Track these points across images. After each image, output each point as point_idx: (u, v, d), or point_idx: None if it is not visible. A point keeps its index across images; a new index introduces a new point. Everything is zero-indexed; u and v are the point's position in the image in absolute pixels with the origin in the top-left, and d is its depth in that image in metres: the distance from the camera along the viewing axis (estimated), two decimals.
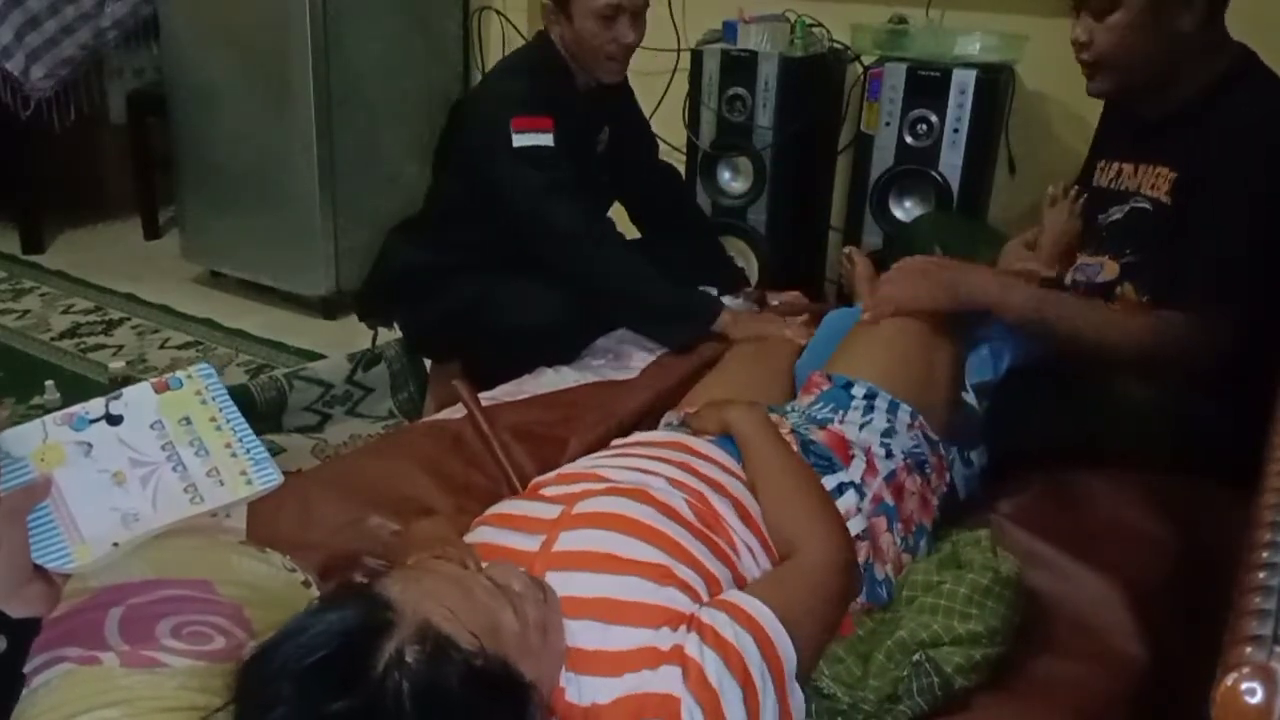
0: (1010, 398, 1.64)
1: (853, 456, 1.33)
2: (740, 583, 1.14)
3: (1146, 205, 1.68)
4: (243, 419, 0.88)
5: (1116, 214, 1.74)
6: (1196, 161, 1.59)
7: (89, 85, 3.55)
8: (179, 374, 0.89)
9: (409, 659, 0.86)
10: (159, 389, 0.88)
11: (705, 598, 1.07)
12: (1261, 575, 0.68)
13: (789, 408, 1.48)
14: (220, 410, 0.88)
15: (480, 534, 1.19)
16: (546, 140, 2.02)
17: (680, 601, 1.05)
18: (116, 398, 0.86)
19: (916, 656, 1.14)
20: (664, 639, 1.01)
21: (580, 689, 0.99)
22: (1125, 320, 1.59)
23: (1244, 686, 0.59)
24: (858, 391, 1.41)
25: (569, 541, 1.10)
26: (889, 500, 1.32)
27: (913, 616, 1.20)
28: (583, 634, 1.02)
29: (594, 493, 1.18)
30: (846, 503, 1.29)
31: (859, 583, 1.23)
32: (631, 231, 2.44)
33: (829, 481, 1.30)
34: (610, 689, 0.99)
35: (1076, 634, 1.29)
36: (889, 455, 1.36)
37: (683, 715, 0.96)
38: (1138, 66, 1.62)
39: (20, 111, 3.34)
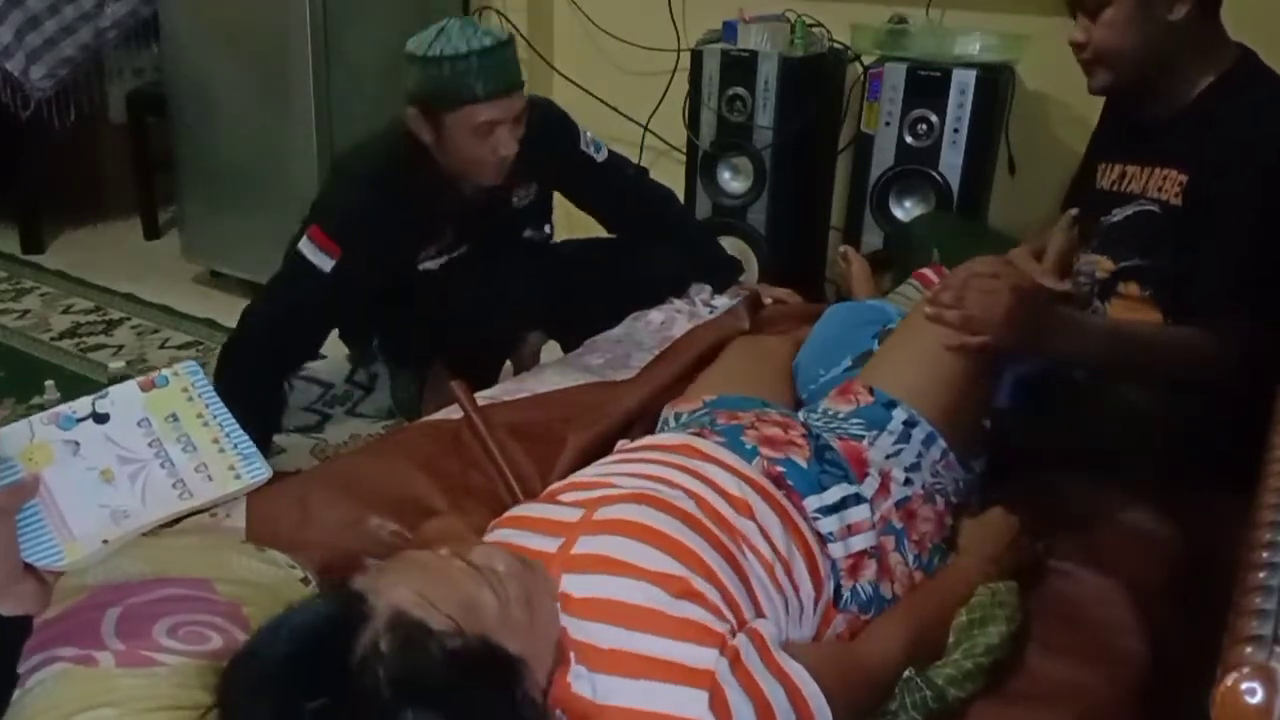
0: (1010, 403, 1.64)
1: (867, 475, 1.30)
2: (755, 602, 1.10)
3: (1154, 208, 1.67)
4: (230, 415, 0.88)
5: (1119, 216, 1.74)
6: (1210, 165, 1.58)
7: (89, 85, 3.54)
8: (165, 372, 0.89)
9: (383, 648, 0.85)
10: (145, 387, 0.88)
11: (726, 614, 1.03)
12: (1261, 575, 0.68)
13: (819, 408, 1.44)
14: (207, 406, 0.88)
15: (498, 535, 1.17)
16: (325, 265, 1.95)
17: (700, 615, 1.01)
18: (103, 396, 0.87)
19: (907, 673, 1.13)
20: (692, 656, 0.97)
21: (594, 685, 0.96)
22: (1177, 344, 1.58)
23: (1244, 686, 0.58)
24: (898, 415, 1.37)
25: (588, 545, 1.07)
26: (897, 523, 1.29)
27: None
28: (600, 634, 0.99)
29: (614, 498, 1.15)
30: (857, 515, 1.25)
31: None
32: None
33: (836, 491, 1.26)
34: (627, 692, 0.95)
35: (1076, 636, 1.28)
36: (907, 483, 1.33)
37: None
38: (1134, 60, 1.65)
39: (20, 111, 3.33)
